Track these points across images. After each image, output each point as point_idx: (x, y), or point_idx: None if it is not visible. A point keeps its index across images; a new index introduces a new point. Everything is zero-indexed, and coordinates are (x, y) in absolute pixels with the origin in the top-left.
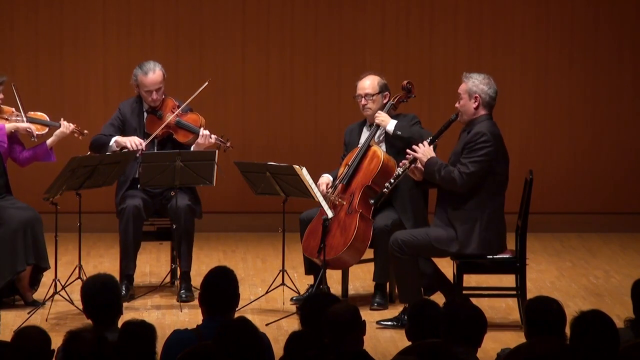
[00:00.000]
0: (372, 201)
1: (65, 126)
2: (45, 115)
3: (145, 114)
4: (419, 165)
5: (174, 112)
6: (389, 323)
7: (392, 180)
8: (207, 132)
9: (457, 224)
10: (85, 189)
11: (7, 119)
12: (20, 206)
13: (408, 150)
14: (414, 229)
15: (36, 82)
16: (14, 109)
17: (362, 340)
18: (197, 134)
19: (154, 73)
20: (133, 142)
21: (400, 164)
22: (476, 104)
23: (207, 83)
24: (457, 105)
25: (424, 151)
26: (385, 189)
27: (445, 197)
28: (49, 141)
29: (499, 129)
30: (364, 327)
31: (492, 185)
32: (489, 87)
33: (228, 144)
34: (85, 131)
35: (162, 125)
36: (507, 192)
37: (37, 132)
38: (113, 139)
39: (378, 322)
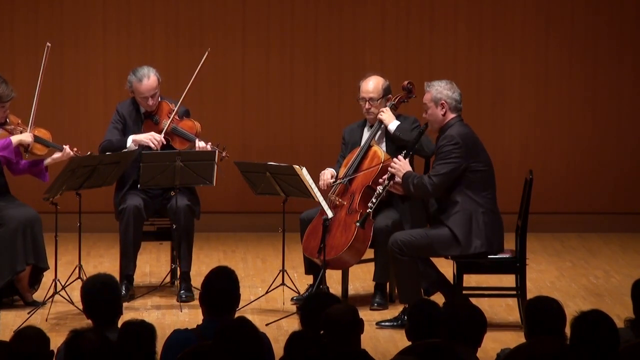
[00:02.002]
0: (358, 224)
1: (66, 154)
2: (49, 134)
3: (142, 119)
4: (398, 179)
5: (169, 117)
6: (389, 323)
7: (373, 200)
8: (202, 143)
9: (455, 228)
10: (85, 189)
11: (9, 132)
12: (19, 206)
13: (389, 169)
14: (413, 229)
15: (36, 82)
16: (20, 121)
17: (360, 340)
18: (193, 142)
19: (148, 79)
20: (153, 139)
21: (380, 180)
22: (443, 110)
23: (207, 53)
24: (424, 115)
25: (400, 166)
26: (369, 209)
27: (440, 205)
28: (46, 161)
29: (469, 128)
30: (362, 327)
31: (477, 182)
32: (452, 92)
33: (224, 154)
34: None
35: (162, 133)
36: (507, 192)
37: (37, 152)
38: (130, 139)
39: (378, 323)
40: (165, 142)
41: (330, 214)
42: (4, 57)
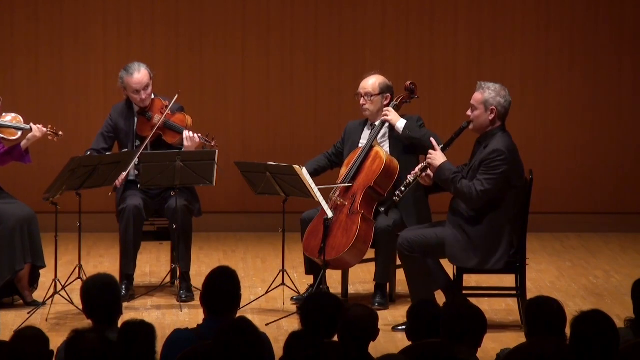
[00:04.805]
0: (382, 209)
1: (35, 130)
2: (18, 117)
3: (135, 117)
4: (429, 172)
5: (162, 113)
6: (403, 327)
7: (402, 189)
8: (190, 133)
9: (479, 241)
10: (85, 189)
11: None
12: (15, 204)
13: (427, 160)
14: (422, 228)
15: (36, 82)
16: None
17: (369, 345)
18: (182, 133)
19: (139, 73)
20: None
21: (412, 172)
22: (492, 116)
23: (177, 96)
24: (469, 113)
25: (437, 156)
26: (396, 197)
27: (463, 210)
28: (22, 144)
29: (512, 139)
30: (376, 336)
31: (511, 199)
32: (505, 100)
33: (213, 143)
34: (60, 132)
35: (154, 130)
36: None
37: (7, 137)
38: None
39: (394, 328)
40: (122, 184)
41: (330, 214)
42: (4, 57)
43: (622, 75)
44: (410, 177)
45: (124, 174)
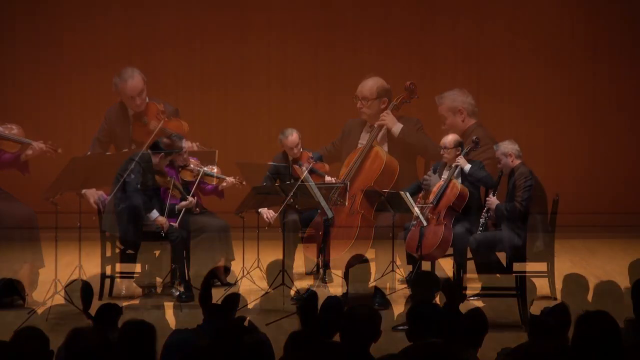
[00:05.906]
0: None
1: (34, 148)
2: (16, 130)
3: (131, 121)
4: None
5: (158, 118)
6: (403, 327)
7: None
8: (188, 144)
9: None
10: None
11: None
12: (15, 204)
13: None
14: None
15: (36, 83)
16: None
17: (370, 345)
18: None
19: (132, 79)
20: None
21: (417, 200)
22: (463, 115)
23: (160, 124)
24: (443, 127)
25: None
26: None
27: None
28: (22, 155)
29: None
30: (378, 337)
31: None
32: (466, 96)
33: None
34: (59, 150)
35: (151, 137)
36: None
37: (7, 149)
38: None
39: (394, 328)
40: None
41: (330, 214)
42: (5, 57)
43: (623, 76)
44: (416, 209)
45: (109, 197)
